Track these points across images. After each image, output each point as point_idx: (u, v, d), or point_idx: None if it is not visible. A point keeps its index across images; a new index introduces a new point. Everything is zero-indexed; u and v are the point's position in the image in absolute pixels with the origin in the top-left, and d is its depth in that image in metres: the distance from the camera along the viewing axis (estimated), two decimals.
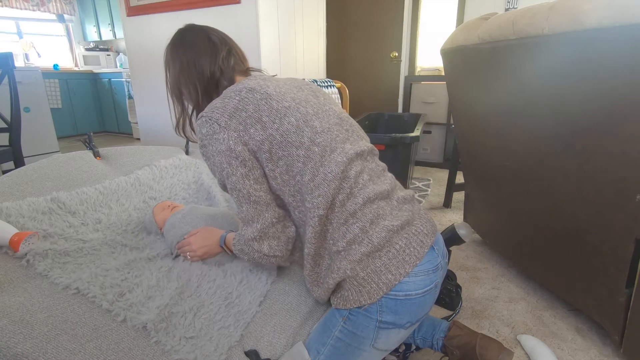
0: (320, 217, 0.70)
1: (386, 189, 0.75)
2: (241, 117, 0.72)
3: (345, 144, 0.76)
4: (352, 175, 0.73)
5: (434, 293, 0.74)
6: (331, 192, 0.70)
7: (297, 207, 0.75)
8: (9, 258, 0.89)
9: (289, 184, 0.73)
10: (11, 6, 4.25)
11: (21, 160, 1.87)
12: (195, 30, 0.87)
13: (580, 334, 1.18)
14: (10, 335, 0.65)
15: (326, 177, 0.70)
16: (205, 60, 0.83)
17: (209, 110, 0.74)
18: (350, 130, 0.81)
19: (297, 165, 0.71)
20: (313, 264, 0.75)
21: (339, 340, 0.73)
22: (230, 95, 0.75)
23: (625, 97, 0.86)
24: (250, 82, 0.78)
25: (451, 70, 1.51)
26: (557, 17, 0.94)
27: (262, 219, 0.74)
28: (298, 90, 0.80)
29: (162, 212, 1.14)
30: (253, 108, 0.72)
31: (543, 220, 1.26)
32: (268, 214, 0.74)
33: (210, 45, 0.84)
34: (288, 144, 0.71)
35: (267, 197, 0.75)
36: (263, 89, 0.76)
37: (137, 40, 2.40)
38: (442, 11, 3.27)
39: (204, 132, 0.73)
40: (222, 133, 0.71)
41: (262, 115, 0.72)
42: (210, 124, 0.72)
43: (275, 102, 0.74)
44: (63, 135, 4.50)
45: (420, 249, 0.71)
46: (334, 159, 0.72)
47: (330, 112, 0.80)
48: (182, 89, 0.86)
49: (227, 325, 0.76)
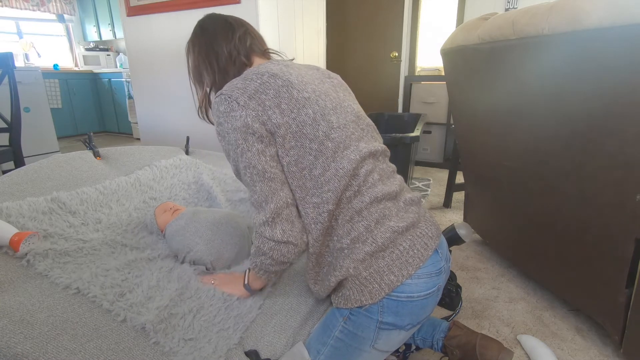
0: (330, 212, 0.69)
1: (394, 190, 0.75)
2: (260, 100, 0.70)
3: (359, 142, 0.75)
4: (362, 173, 0.72)
5: (436, 296, 0.74)
6: (341, 187, 0.69)
7: (296, 203, 0.74)
8: (9, 258, 0.89)
9: (295, 177, 0.72)
10: (11, 6, 4.25)
11: (21, 160, 1.87)
12: (213, 16, 0.89)
13: (580, 334, 1.18)
14: (11, 335, 0.65)
15: (337, 172, 0.70)
16: (222, 40, 0.83)
17: (228, 88, 0.73)
18: (366, 129, 0.81)
19: (308, 158, 0.70)
20: (315, 261, 0.75)
21: (339, 341, 0.73)
22: (252, 78, 0.73)
23: (625, 97, 0.86)
24: (272, 67, 0.76)
25: (451, 70, 1.51)
26: (557, 17, 0.94)
27: (277, 198, 0.70)
28: (320, 82, 0.80)
29: (163, 215, 1.13)
30: (273, 93, 0.71)
31: (543, 220, 1.26)
32: (283, 192, 0.71)
33: (227, 26, 0.85)
34: (302, 135, 0.70)
35: (283, 176, 0.72)
36: (286, 75, 0.74)
37: (137, 40, 2.40)
38: (442, 11, 3.27)
39: (221, 109, 0.71)
40: (240, 111, 0.69)
41: (282, 102, 0.71)
42: (229, 102, 0.70)
43: (296, 92, 0.72)
44: (63, 135, 4.50)
45: (424, 251, 0.71)
46: (346, 155, 0.71)
47: (348, 108, 0.79)
48: (202, 70, 0.86)
49: (227, 327, 0.76)
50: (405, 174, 2.25)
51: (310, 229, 0.72)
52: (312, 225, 0.71)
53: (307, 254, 0.75)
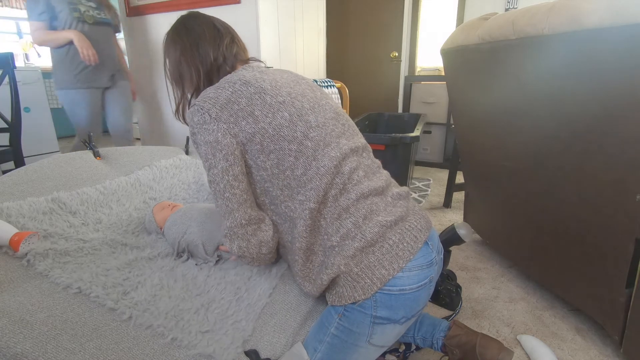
0: (312, 210, 0.70)
1: (381, 185, 0.76)
2: (233, 110, 0.71)
3: (340, 138, 0.76)
4: (346, 171, 0.73)
5: (428, 288, 0.74)
6: (323, 186, 0.70)
7: (284, 201, 0.74)
8: (9, 258, 0.89)
9: (279, 178, 0.73)
10: (11, 6, 4.25)
11: (21, 160, 1.87)
12: (199, 16, 0.88)
13: (580, 334, 1.18)
14: (10, 335, 0.65)
15: (319, 171, 0.71)
16: (209, 45, 0.83)
17: (201, 99, 0.74)
18: (346, 124, 0.81)
19: (289, 159, 0.71)
20: (305, 259, 0.75)
21: (335, 337, 0.73)
22: (224, 86, 0.74)
23: (626, 97, 0.86)
24: (245, 74, 0.77)
25: (451, 70, 1.51)
26: (557, 17, 0.94)
27: (232, 218, 0.73)
28: (295, 84, 0.80)
29: (161, 212, 1.14)
30: (245, 102, 0.72)
31: (543, 221, 1.26)
32: (238, 214, 0.73)
33: (214, 31, 0.85)
34: (280, 137, 0.71)
35: (242, 197, 0.74)
36: (258, 82, 0.75)
37: (137, 40, 2.40)
38: (442, 11, 3.27)
39: (195, 120, 0.73)
40: (212, 124, 0.71)
41: (255, 109, 0.72)
42: (202, 114, 0.72)
43: (270, 97, 0.74)
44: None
45: (414, 244, 0.72)
46: (327, 153, 0.72)
47: (326, 106, 0.80)
48: (183, 72, 0.86)
49: (240, 319, 0.76)
50: (405, 174, 2.25)
51: (295, 223, 0.73)
52: (297, 220, 0.73)
53: (294, 250, 0.75)
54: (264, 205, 0.77)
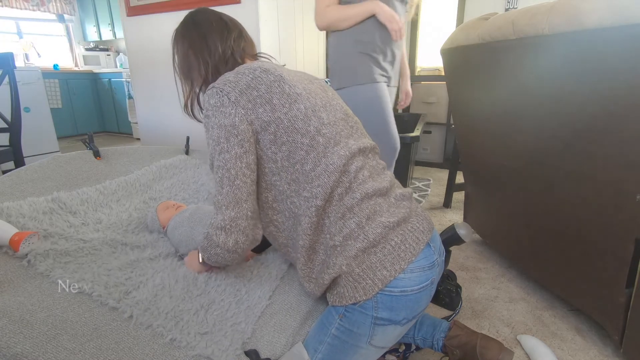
0: (318, 207, 0.70)
1: (385, 186, 0.76)
2: (252, 96, 0.71)
3: (349, 139, 0.77)
4: (352, 170, 0.73)
5: (430, 290, 0.74)
6: (330, 183, 0.70)
7: (289, 196, 0.74)
8: (9, 258, 0.89)
9: (288, 171, 0.72)
10: (11, 6, 4.25)
11: (21, 160, 1.87)
12: (207, 11, 0.88)
13: (580, 334, 1.18)
14: (10, 335, 0.65)
15: (327, 168, 0.70)
16: (217, 38, 0.83)
17: (220, 82, 0.73)
18: (355, 127, 0.82)
19: (300, 153, 0.71)
20: (307, 257, 0.75)
21: (335, 338, 0.73)
22: (244, 72, 0.74)
23: (626, 98, 0.86)
24: (264, 64, 0.78)
25: (451, 70, 1.51)
26: (557, 17, 0.94)
27: (239, 207, 0.71)
28: (309, 82, 0.81)
29: (166, 211, 1.14)
30: (265, 88, 0.72)
31: (543, 220, 1.26)
32: (246, 205, 0.72)
33: (222, 24, 0.85)
34: (294, 130, 0.71)
35: (251, 188, 0.73)
36: (277, 71, 0.76)
37: (137, 40, 2.40)
38: (442, 11, 3.27)
39: (212, 102, 0.72)
40: (230, 107, 0.70)
41: (273, 97, 0.72)
42: (220, 96, 0.71)
43: (288, 87, 0.74)
44: (63, 135, 4.50)
45: (415, 245, 0.72)
46: (336, 151, 0.72)
47: (337, 106, 0.81)
48: (191, 64, 0.85)
49: (239, 321, 0.76)
50: (405, 174, 2.25)
51: (300, 220, 0.73)
52: (302, 218, 0.72)
53: (297, 247, 0.75)
54: (266, 203, 0.77)
